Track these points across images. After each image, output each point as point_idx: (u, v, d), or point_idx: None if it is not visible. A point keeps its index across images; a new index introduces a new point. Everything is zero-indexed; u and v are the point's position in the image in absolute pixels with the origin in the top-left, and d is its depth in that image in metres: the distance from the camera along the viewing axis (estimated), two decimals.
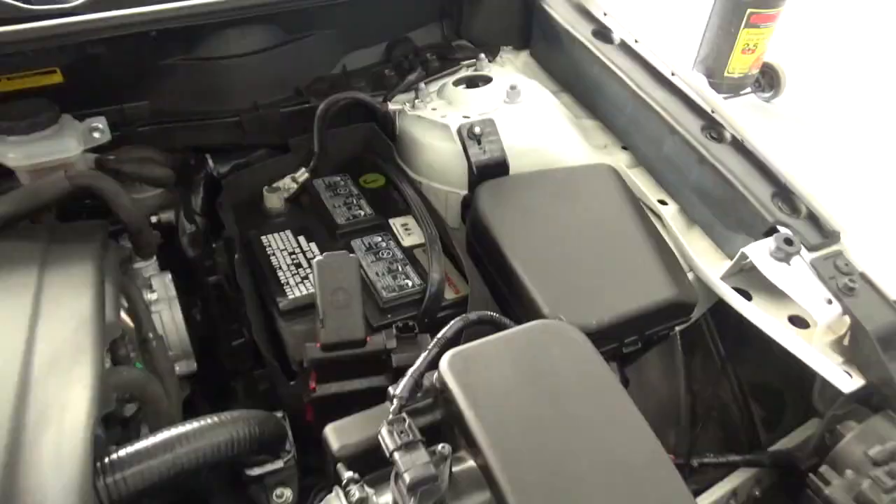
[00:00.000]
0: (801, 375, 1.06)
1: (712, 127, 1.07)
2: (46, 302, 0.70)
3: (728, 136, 1.05)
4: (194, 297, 1.05)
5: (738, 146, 1.04)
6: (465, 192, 1.11)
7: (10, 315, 0.68)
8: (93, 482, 0.58)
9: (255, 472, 0.77)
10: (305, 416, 0.86)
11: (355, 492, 0.64)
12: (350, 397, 0.83)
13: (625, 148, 1.20)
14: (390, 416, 0.69)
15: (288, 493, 0.80)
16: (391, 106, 1.13)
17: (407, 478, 0.62)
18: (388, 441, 0.66)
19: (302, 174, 1.10)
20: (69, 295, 0.71)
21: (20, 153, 0.86)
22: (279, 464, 0.79)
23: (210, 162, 1.10)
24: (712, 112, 1.09)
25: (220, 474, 0.83)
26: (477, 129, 1.06)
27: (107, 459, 0.62)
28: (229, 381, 1.06)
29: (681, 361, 1.18)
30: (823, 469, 0.84)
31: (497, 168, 1.06)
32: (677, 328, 1.01)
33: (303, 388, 0.84)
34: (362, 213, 1.04)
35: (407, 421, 0.68)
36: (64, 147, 0.88)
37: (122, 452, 0.62)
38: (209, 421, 0.68)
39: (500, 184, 1.04)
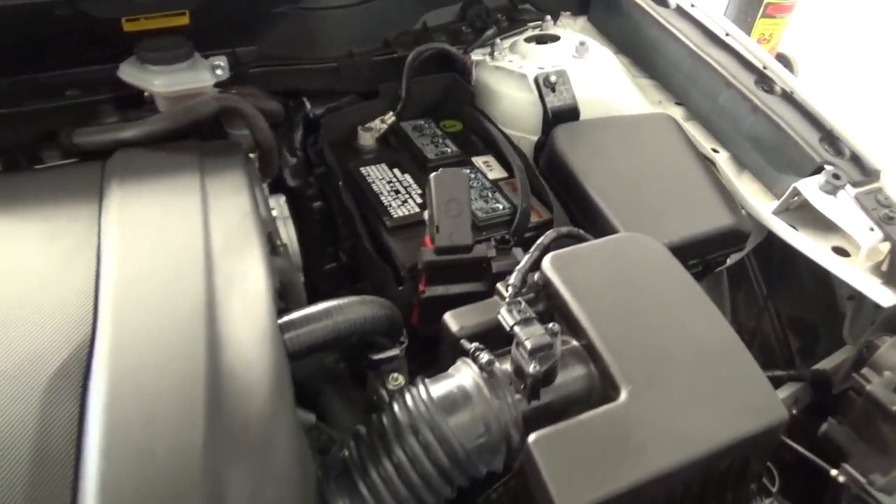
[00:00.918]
0: (834, 309, 1.19)
1: (764, 81, 1.19)
2: (211, 198, 0.81)
3: (778, 89, 1.17)
4: None
5: (788, 98, 1.16)
6: (535, 137, 1.23)
7: (184, 209, 0.79)
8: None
9: (379, 356, 0.90)
10: (412, 317, 0.98)
11: (484, 355, 0.76)
12: (453, 300, 0.95)
13: (678, 104, 1.32)
14: (507, 300, 0.81)
15: (401, 378, 0.92)
16: (473, 57, 1.25)
17: (528, 345, 0.74)
18: (507, 318, 0.78)
19: (390, 117, 1.22)
20: (229, 193, 0.83)
21: (164, 81, 0.98)
22: (396, 351, 0.91)
23: (307, 104, 1.22)
24: (764, 68, 1.21)
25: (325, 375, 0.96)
26: (552, 78, 1.18)
27: (280, 320, 0.74)
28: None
29: (727, 295, 1.31)
30: (865, 371, 0.96)
31: (569, 113, 1.18)
32: (729, 260, 1.13)
33: (411, 291, 0.96)
34: (448, 149, 1.17)
35: (522, 303, 0.80)
36: (200, 78, 0.99)
37: (294, 315, 0.74)
38: (356, 298, 0.80)
39: (573, 126, 1.16)
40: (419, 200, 1.06)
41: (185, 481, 0.57)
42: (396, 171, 1.12)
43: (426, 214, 1.01)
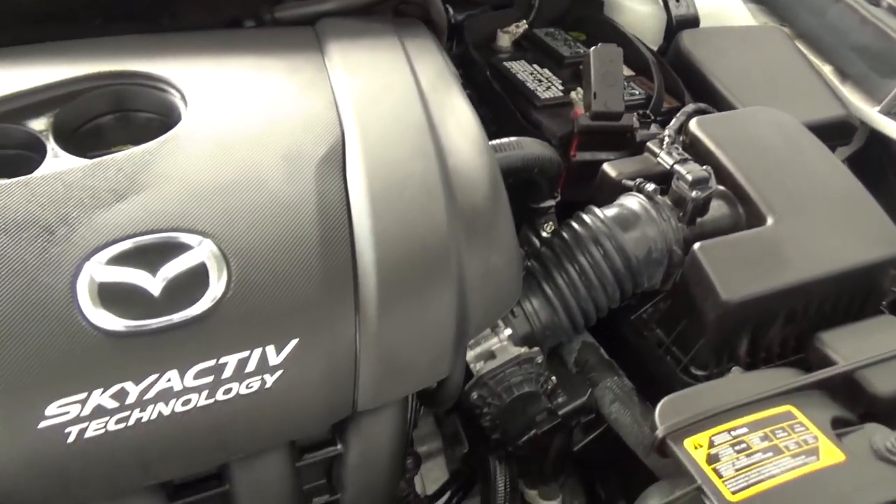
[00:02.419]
0: None
1: None
2: (412, 53, 0.95)
3: (885, 4, 1.28)
4: None
5: (893, 10, 1.27)
6: (654, 47, 1.35)
7: (392, 58, 0.93)
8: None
9: (540, 205, 1.03)
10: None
11: (650, 185, 0.89)
12: (597, 166, 1.08)
13: (783, 25, 1.43)
14: (666, 144, 0.94)
15: (554, 226, 1.06)
16: None
17: (689, 177, 0.87)
18: (667, 158, 0.92)
19: (523, 23, 1.35)
20: (425, 51, 0.96)
21: None
22: (552, 202, 1.05)
23: (450, 10, 1.35)
24: None
25: None
26: None
27: None
28: None
29: None
30: None
31: (691, 22, 1.31)
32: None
33: (560, 155, 1.10)
34: (581, 50, 1.29)
35: (679, 147, 0.93)
36: None
37: (492, 143, 0.88)
38: (534, 139, 0.93)
39: (696, 32, 1.29)
40: (560, 88, 1.19)
41: (435, 243, 0.71)
42: (535, 66, 1.26)
43: (572, 95, 1.15)
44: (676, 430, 0.66)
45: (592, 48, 1.03)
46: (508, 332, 0.84)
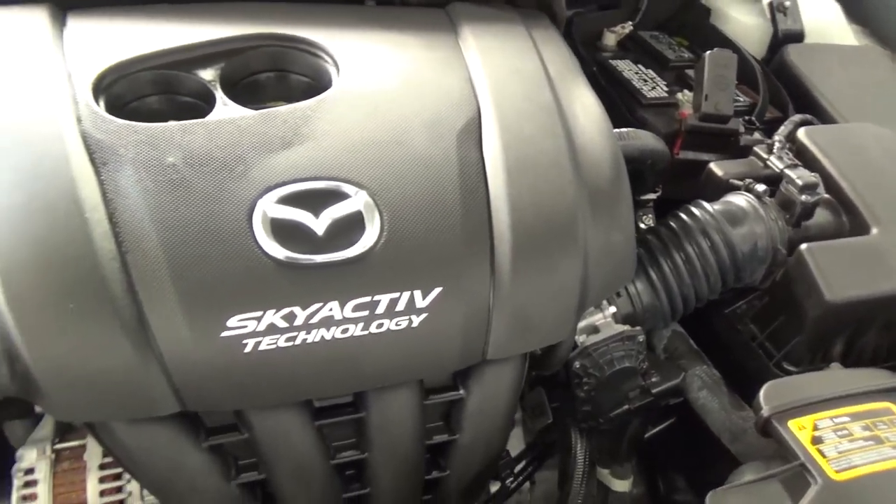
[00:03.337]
0: None
1: None
2: (538, 40, 1.00)
3: None
4: None
5: None
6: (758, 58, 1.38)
7: (520, 43, 0.98)
8: None
9: (641, 196, 1.08)
10: None
11: (760, 186, 0.93)
12: (698, 166, 1.11)
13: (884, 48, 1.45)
14: (776, 149, 0.98)
15: (650, 217, 1.10)
16: None
17: (799, 181, 0.91)
18: (778, 162, 0.95)
19: (629, 25, 1.40)
20: (549, 39, 1.01)
21: None
22: (652, 195, 1.09)
23: None
24: None
25: None
26: (786, 3, 1.33)
27: None
28: None
29: None
30: None
31: (796, 37, 1.34)
32: None
33: None
34: (685, 54, 1.33)
35: (788, 152, 0.96)
36: None
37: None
38: (647, 132, 0.98)
39: (801, 46, 1.32)
40: (665, 89, 1.23)
41: (564, 214, 0.77)
42: (640, 66, 1.30)
43: (678, 96, 1.19)
44: (782, 411, 0.70)
45: (708, 52, 1.07)
46: (612, 309, 0.89)
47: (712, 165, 1.02)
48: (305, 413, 0.69)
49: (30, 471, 0.83)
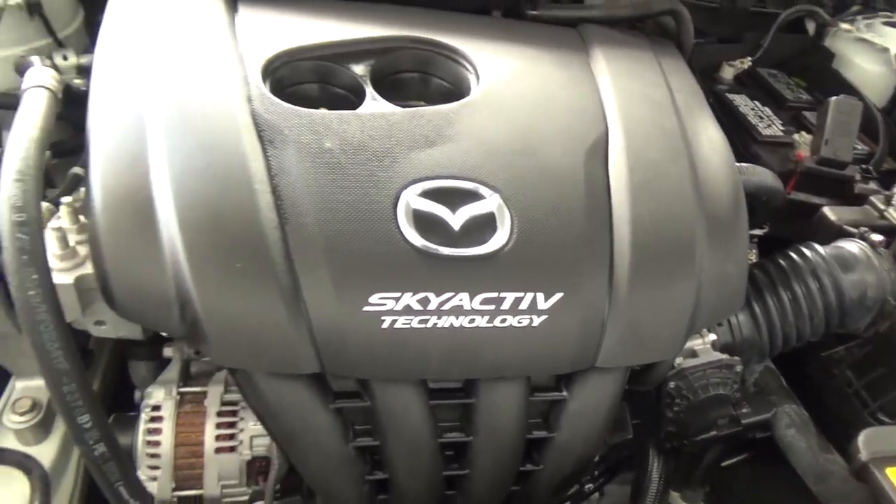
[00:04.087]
0: None
1: None
2: (665, 68, 1.03)
3: None
4: None
5: None
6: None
7: (649, 70, 1.02)
8: None
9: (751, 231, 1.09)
10: None
11: (875, 236, 0.93)
12: (808, 209, 1.12)
13: None
14: (895, 201, 0.98)
15: (754, 253, 1.11)
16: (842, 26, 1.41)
17: None
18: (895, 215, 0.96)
19: (748, 60, 1.41)
20: (677, 69, 1.05)
21: None
22: (759, 232, 1.11)
23: None
24: None
25: None
26: None
27: None
28: None
29: None
30: None
31: None
32: None
33: None
34: (803, 96, 1.34)
35: None
36: None
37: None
38: (766, 169, 1.00)
39: None
40: (781, 128, 1.24)
41: (683, 237, 0.80)
42: (756, 102, 1.31)
43: (795, 137, 1.20)
44: (881, 457, 0.72)
45: (834, 98, 1.08)
46: (712, 337, 0.91)
47: (826, 210, 1.02)
48: (422, 391, 0.74)
49: (156, 407, 0.91)
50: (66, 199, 0.82)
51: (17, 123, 0.73)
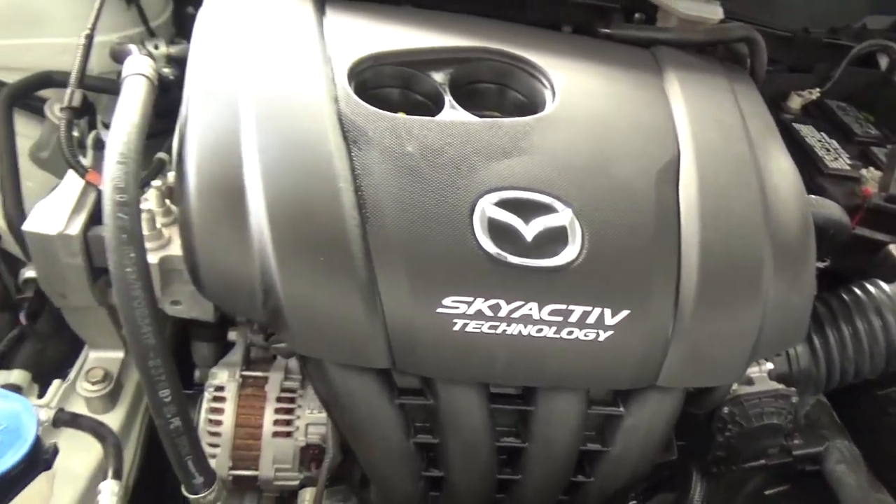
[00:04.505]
0: None
1: None
2: (739, 96, 1.04)
3: None
4: None
5: None
6: None
7: (722, 95, 1.03)
8: None
9: None
10: None
11: None
12: (872, 245, 1.11)
13: None
14: None
15: None
16: None
17: None
18: None
19: (817, 91, 1.40)
20: (749, 96, 1.05)
21: (686, 5, 1.21)
22: (819, 265, 1.10)
23: None
24: None
25: None
26: None
27: None
28: None
29: None
30: None
31: None
32: None
33: None
34: (871, 131, 1.33)
35: None
36: (713, 10, 1.22)
37: None
38: (833, 203, 1.00)
39: None
40: (848, 161, 1.23)
41: (751, 266, 0.81)
42: (823, 134, 1.30)
43: (862, 172, 1.19)
44: None
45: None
46: (769, 366, 0.92)
47: (892, 248, 1.02)
48: (483, 394, 0.76)
49: (220, 388, 0.95)
50: (155, 183, 0.86)
51: (119, 110, 0.77)
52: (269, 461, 0.93)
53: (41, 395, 0.95)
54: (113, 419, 0.96)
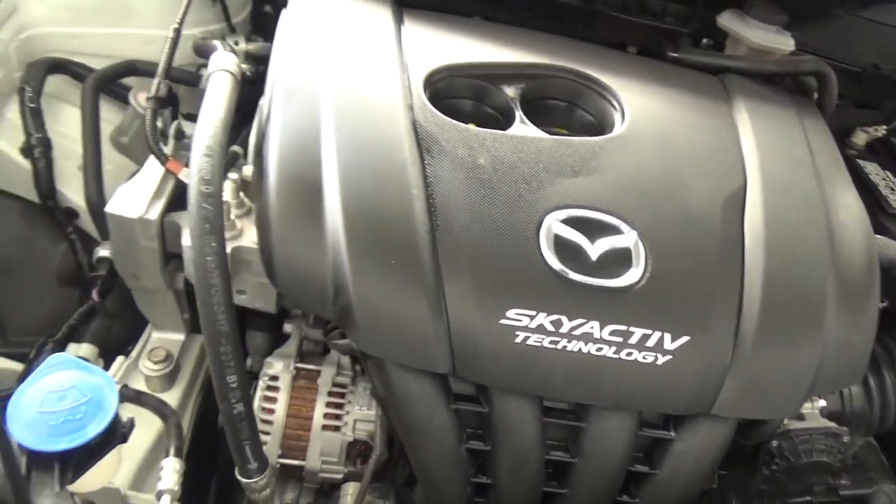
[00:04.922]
0: None
1: None
2: (808, 130, 1.03)
3: None
4: None
5: None
6: None
7: (791, 127, 1.02)
8: None
9: None
10: None
11: None
12: None
13: None
14: None
15: None
16: None
17: None
18: None
19: (883, 128, 1.38)
20: (820, 132, 1.05)
21: (759, 35, 1.20)
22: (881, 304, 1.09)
23: None
24: None
25: None
26: None
27: None
28: None
29: None
30: None
31: None
32: None
33: None
34: None
35: None
36: (784, 41, 1.22)
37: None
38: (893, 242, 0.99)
39: None
40: None
41: (814, 302, 0.80)
42: (888, 172, 1.29)
43: None
44: None
45: None
46: (822, 403, 0.91)
47: None
48: (537, 407, 0.78)
49: (274, 377, 0.98)
50: (232, 176, 0.89)
51: (206, 104, 0.80)
52: (317, 453, 0.95)
53: (105, 369, 0.98)
54: (170, 399, 0.99)
